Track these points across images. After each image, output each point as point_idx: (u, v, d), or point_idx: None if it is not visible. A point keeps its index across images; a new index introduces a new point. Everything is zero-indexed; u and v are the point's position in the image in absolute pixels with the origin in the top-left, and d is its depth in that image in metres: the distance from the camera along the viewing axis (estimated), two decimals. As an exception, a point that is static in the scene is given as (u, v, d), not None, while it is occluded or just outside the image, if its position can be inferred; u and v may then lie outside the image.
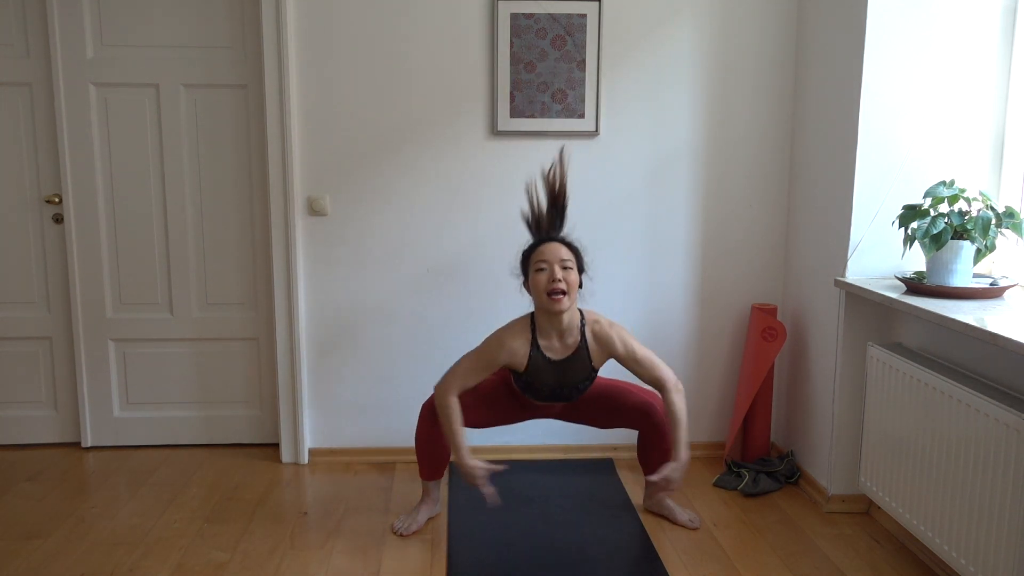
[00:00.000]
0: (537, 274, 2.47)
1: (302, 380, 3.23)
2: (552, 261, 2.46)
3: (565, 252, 2.49)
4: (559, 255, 2.47)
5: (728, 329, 3.30)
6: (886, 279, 2.68)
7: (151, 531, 2.70)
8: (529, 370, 2.53)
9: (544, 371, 2.54)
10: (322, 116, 3.09)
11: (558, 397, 2.61)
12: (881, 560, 2.53)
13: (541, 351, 2.53)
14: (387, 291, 3.21)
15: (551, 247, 2.50)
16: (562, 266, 2.46)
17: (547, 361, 2.53)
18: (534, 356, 2.52)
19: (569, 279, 2.46)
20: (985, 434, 2.05)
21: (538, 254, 2.50)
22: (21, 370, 3.38)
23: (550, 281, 2.44)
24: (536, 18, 3.03)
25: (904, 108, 2.64)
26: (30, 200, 3.27)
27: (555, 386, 2.57)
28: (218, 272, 3.33)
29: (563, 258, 2.47)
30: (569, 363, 2.54)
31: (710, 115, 3.15)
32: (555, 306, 2.45)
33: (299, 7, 3.03)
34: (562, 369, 2.55)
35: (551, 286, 2.44)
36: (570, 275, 2.46)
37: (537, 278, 2.47)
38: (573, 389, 2.59)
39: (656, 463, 2.74)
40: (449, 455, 2.73)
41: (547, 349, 2.54)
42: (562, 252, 2.49)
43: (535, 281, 2.48)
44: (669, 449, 2.67)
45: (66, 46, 3.14)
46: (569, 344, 2.54)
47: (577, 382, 2.57)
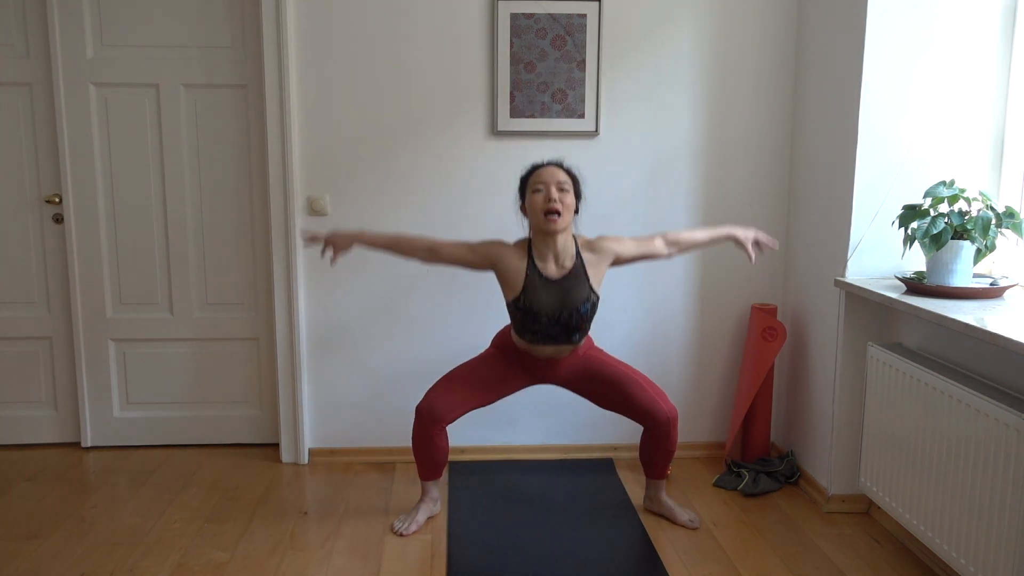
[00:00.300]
0: (534, 195, 2.49)
1: (302, 380, 3.23)
2: (549, 183, 2.48)
3: (562, 175, 2.51)
4: (556, 177, 2.50)
5: (728, 329, 3.30)
6: (886, 279, 2.68)
7: (151, 531, 2.70)
8: (527, 289, 2.50)
9: (541, 291, 2.50)
10: (322, 116, 3.09)
11: (559, 324, 2.52)
12: (881, 560, 2.53)
13: (537, 269, 2.52)
14: (387, 291, 3.21)
15: (548, 170, 2.52)
16: (559, 188, 2.48)
17: (544, 280, 2.51)
18: (530, 274, 2.51)
19: (565, 200, 2.47)
20: (985, 434, 2.05)
21: (535, 176, 2.52)
22: (21, 370, 3.38)
23: (546, 201, 2.46)
24: (536, 18, 3.03)
25: (904, 108, 2.64)
26: (30, 200, 3.27)
27: (555, 310, 2.50)
28: (218, 272, 3.33)
29: (560, 180, 2.49)
30: (567, 283, 2.51)
31: (710, 115, 3.15)
32: (550, 225, 2.46)
33: (299, 7, 3.03)
34: (560, 290, 2.51)
35: (547, 206, 2.45)
36: (566, 197, 2.48)
37: (534, 199, 2.49)
38: (574, 312, 2.51)
39: (658, 464, 2.75)
40: (447, 456, 2.74)
41: (543, 269, 2.53)
42: (559, 175, 2.51)
43: (531, 202, 2.50)
44: (672, 450, 2.70)
45: (66, 46, 3.14)
46: (566, 266, 2.53)
47: (578, 303, 2.51)
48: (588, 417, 3.27)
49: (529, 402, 3.26)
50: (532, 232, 2.57)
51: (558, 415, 3.31)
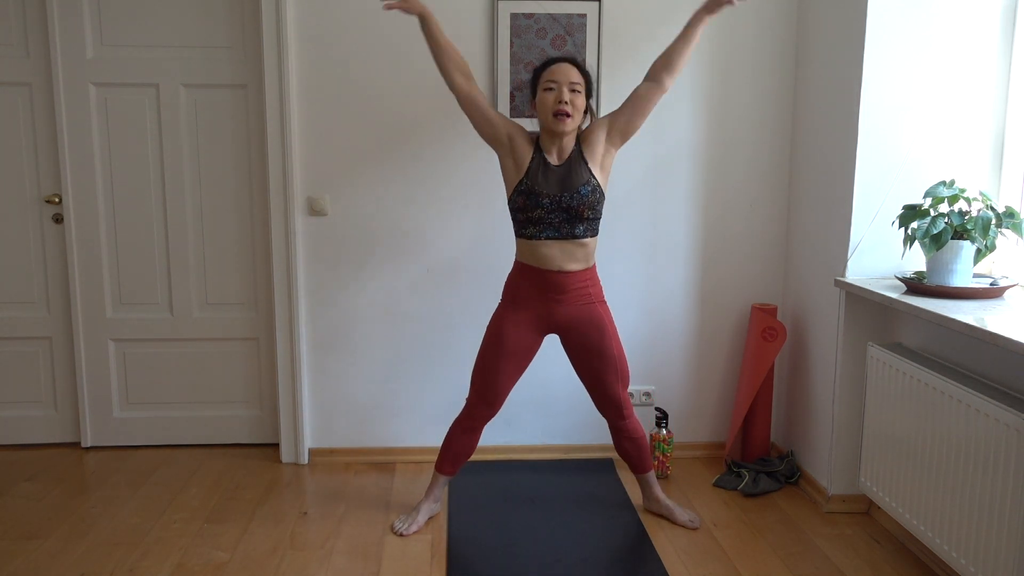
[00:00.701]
0: (545, 93, 2.46)
1: (302, 380, 3.23)
2: (562, 82, 2.44)
3: (575, 74, 2.47)
4: (569, 76, 2.45)
5: (728, 329, 3.30)
6: (886, 279, 2.68)
7: (151, 531, 2.70)
8: (530, 172, 2.49)
9: (543, 175, 2.49)
10: (322, 116, 3.09)
11: (561, 209, 2.48)
12: (881, 560, 2.53)
13: (542, 154, 2.51)
14: (387, 291, 3.21)
15: (562, 67, 2.47)
16: (571, 88, 2.44)
17: (546, 165, 2.50)
18: (536, 157, 2.50)
19: (576, 102, 2.45)
20: (985, 434, 2.05)
21: (548, 73, 2.47)
22: (21, 370, 3.38)
23: (557, 102, 2.43)
24: (536, 18, 3.03)
25: (904, 108, 2.64)
26: (30, 200, 3.27)
27: (556, 192, 2.48)
28: (218, 272, 3.33)
29: (573, 80, 2.45)
30: (566, 168, 2.50)
31: (710, 115, 3.15)
32: (559, 126, 2.44)
33: (299, 7, 3.03)
34: (561, 174, 2.50)
35: (557, 107, 2.42)
36: (577, 98, 2.45)
37: (544, 97, 2.45)
38: (575, 195, 2.47)
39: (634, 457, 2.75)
40: (470, 456, 2.74)
41: (547, 155, 2.52)
42: (572, 74, 2.46)
43: (542, 100, 2.46)
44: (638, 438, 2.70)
45: (66, 46, 3.14)
46: (565, 154, 2.52)
47: (577, 185, 2.48)
48: (588, 417, 3.26)
49: (529, 402, 3.26)
50: (540, 128, 2.54)
51: (558, 415, 3.31)
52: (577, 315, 2.60)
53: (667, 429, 3.16)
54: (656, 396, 3.31)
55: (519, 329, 2.61)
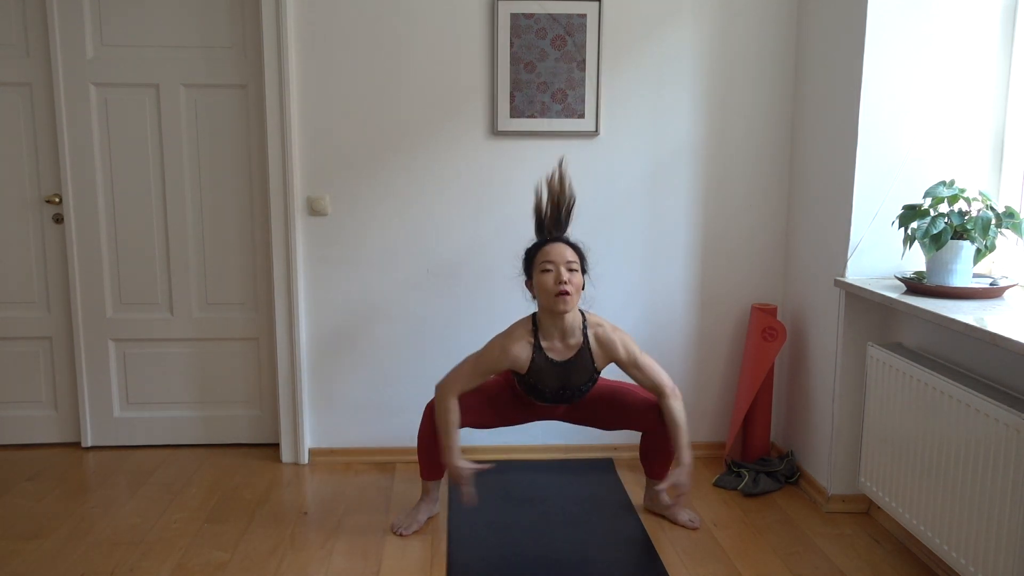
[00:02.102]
0: (543, 275, 2.47)
1: (302, 380, 3.23)
2: (558, 262, 2.46)
3: (570, 254, 2.49)
4: (565, 256, 2.47)
5: (728, 329, 3.30)
6: (886, 279, 2.68)
7: (151, 531, 2.70)
8: (531, 372, 2.53)
9: (546, 372, 2.54)
10: (322, 116, 3.09)
11: (561, 399, 2.60)
12: (881, 560, 2.53)
13: (543, 352, 2.53)
14: (387, 291, 3.21)
15: (556, 248, 2.50)
16: (568, 268, 2.46)
17: (549, 362, 2.53)
18: (536, 358, 2.52)
19: (574, 280, 2.46)
20: (985, 434, 2.05)
21: (543, 255, 2.50)
22: (21, 370, 3.38)
23: (557, 283, 2.44)
24: (536, 18, 3.03)
25: (904, 108, 2.64)
26: (30, 200, 3.27)
27: (558, 388, 2.56)
28: (218, 272, 3.33)
29: (568, 260, 2.47)
30: (571, 364, 2.54)
31: (710, 115, 3.15)
32: (561, 306, 2.45)
33: (299, 7, 3.03)
34: (564, 370, 2.54)
35: (558, 288, 2.43)
36: (575, 277, 2.47)
37: (543, 279, 2.47)
38: (576, 391, 2.58)
39: (659, 464, 2.76)
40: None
41: (549, 350, 2.53)
42: (567, 253, 2.49)
43: (540, 282, 2.47)
44: (672, 452, 2.68)
45: (66, 46, 3.14)
46: (571, 345, 2.54)
47: (580, 383, 2.57)
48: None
49: (529, 402, 3.26)
50: (540, 310, 2.55)
51: (558, 415, 3.31)
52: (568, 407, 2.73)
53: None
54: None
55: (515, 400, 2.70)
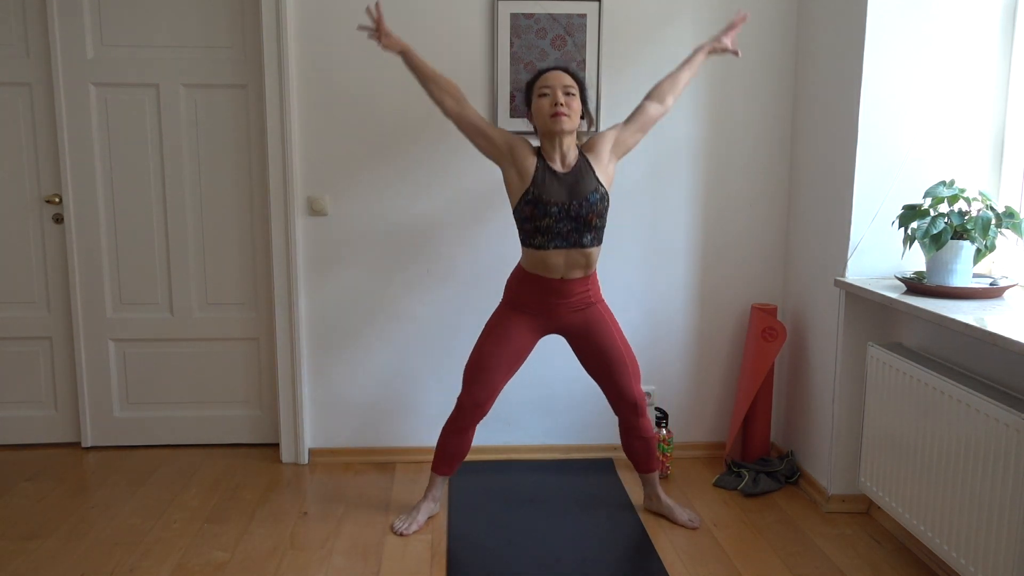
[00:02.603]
0: (540, 99, 2.49)
1: (302, 380, 3.23)
2: (555, 86, 2.47)
3: (568, 79, 2.50)
4: (562, 81, 2.49)
5: (728, 329, 3.30)
6: (886, 279, 2.68)
7: (151, 531, 2.70)
8: (536, 181, 2.49)
9: (550, 183, 2.49)
10: (322, 116, 3.09)
11: (569, 217, 2.48)
12: (881, 560, 2.53)
13: (547, 163, 2.52)
14: (387, 291, 3.21)
15: (555, 74, 2.51)
16: (565, 91, 2.47)
17: (552, 173, 2.51)
18: (540, 167, 2.51)
19: (571, 104, 2.47)
20: (985, 434, 2.05)
21: (542, 80, 2.52)
22: (21, 370, 3.38)
23: (552, 105, 2.45)
24: (536, 18, 3.03)
25: (904, 108, 2.64)
26: (30, 200, 3.27)
27: (565, 199, 2.48)
28: (218, 272, 3.33)
29: (566, 84, 2.48)
30: (574, 176, 2.51)
31: (710, 114, 3.15)
32: (556, 124, 2.45)
33: (299, 7, 3.03)
34: (569, 181, 2.50)
35: (553, 109, 2.45)
36: (572, 101, 2.48)
37: (540, 103, 2.48)
38: (583, 202, 2.48)
39: (643, 459, 2.77)
40: (467, 453, 2.75)
41: (551, 164, 2.53)
42: (565, 79, 2.50)
43: (538, 106, 2.49)
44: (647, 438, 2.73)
45: (66, 46, 3.14)
46: (571, 163, 2.53)
47: (586, 192, 2.49)
48: (588, 417, 3.27)
49: (529, 402, 3.26)
50: (539, 135, 2.56)
51: (558, 415, 3.31)
52: (578, 318, 2.63)
53: (667, 429, 3.16)
54: (656, 396, 3.31)
55: (517, 329, 2.63)
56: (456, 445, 2.72)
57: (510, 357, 2.65)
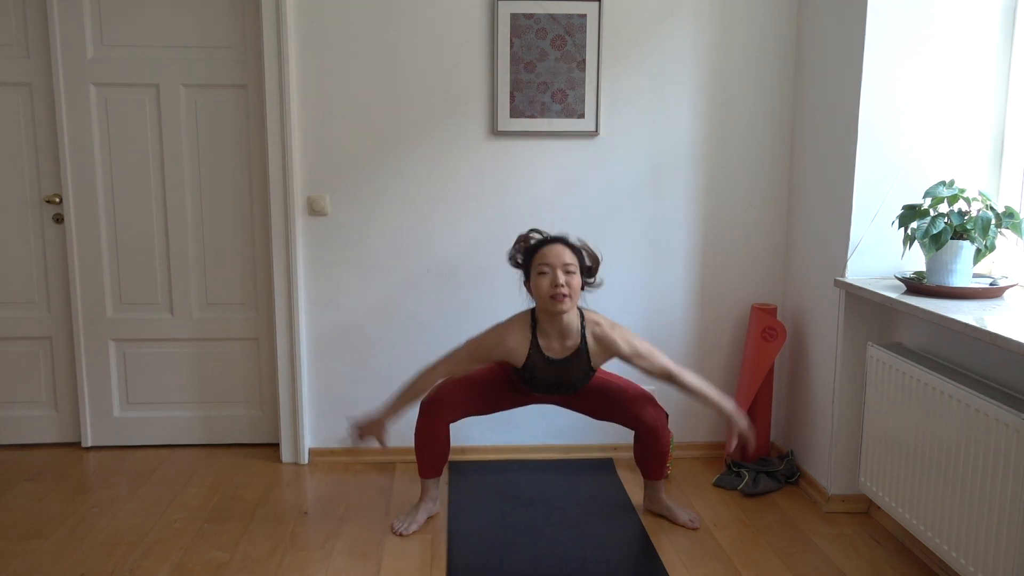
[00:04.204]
0: (539, 277, 2.45)
1: (302, 380, 3.23)
2: (555, 265, 2.43)
3: (568, 256, 2.47)
4: (562, 259, 2.45)
5: (728, 329, 3.30)
6: (886, 279, 2.68)
7: (151, 531, 2.70)
8: (527, 367, 2.54)
9: (542, 369, 2.54)
10: (322, 116, 3.09)
11: (556, 392, 2.62)
12: (881, 560, 2.53)
13: (540, 350, 2.53)
14: (387, 291, 3.21)
15: (554, 250, 2.47)
16: (565, 271, 2.44)
17: (546, 360, 2.53)
18: (532, 355, 2.52)
19: (572, 283, 2.44)
20: (985, 434, 2.05)
21: (540, 256, 2.47)
22: (21, 370, 3.38)
23: (552, 286, 2.42)
24: (536, 18, 3.03)
25: (904, 108, 2.64)
26: (30, 200, 3.27)
27: (553, 383, 2.57)
28: (218, 272, 3.33)
29: (566, 262, 2.45)
30: (568, 363, 2.54)
31: (710, 115, 3.15)
32: (557, 307, 2.44)
33: (299, 7, 3.03)
34: (560, 368, 2.55)
35: (553, 291, 2.42)
36: (573, 280, 2.45)
37: (539, 282, 2.45)
38: (571, 387, 2.59)
39: (654, 465, 2.76)
40: (448, 454, 2.75)
41: (546, 349, 2.53)
42: (565, 256, 2.46)
43: (537, 284, 2.46)
44: (663, 452, 2.71)
45: (66, 46, 3.14)
46: (568, 346, 2.53)
47: (575, 381, 2.57)
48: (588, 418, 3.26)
49: (529, 402, 3.26)
50: (537, 309, 2.54)
51: (558, 415, 3.30)
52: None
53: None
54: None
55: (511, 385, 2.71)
56: (434, 447, 2.71)
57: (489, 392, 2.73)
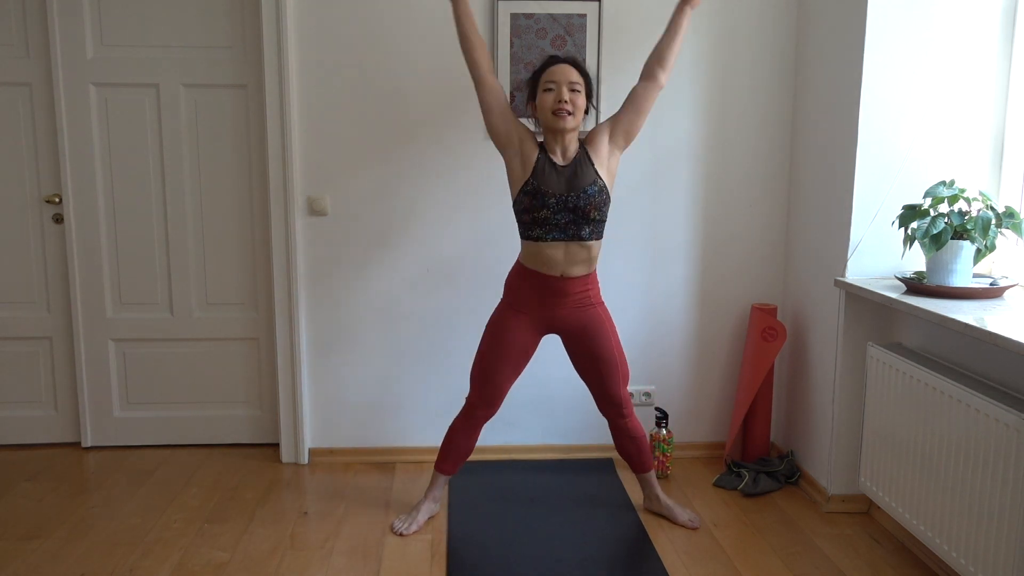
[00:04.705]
0: (544, 94, 2.45)
1: (302, 380, 3.23)
2: (561, 81, 2.43)
3: (575, 74, 2.46)
4: (568, 76, 2.44)
5: (728, 329, 3.30)
6: (886, 279, 2.68)
7: (151, 531, 2.70)
8: (536, 172, 2.49)
9: (550, 175, 2.49)
10: (322, 116, 3.09)
11: (567, 209, 2.48)
12: (881, 560, 2.53)
13: (548, 155, 2.52)
14: (387, 291, 3.21)
15: (561, 68, 2.47)
16: (570, 88, 2.44)
17: (552, 165, 2.50)
18: (540, 158, 2.50)
19: (576, 101, 2.45)
20: (985, 434, 2.05)
21: (547, 74, 2.46)
22: (21, 370, 3.38)
23: (556, 101, 2.43)
24: (536, 18, 3.03)
25: (904, 108, 2.64)
26: (30, 200, 3.27)
27: (563, 191, 2.48)
28: (218, 272, 3.33)
29: (572, 80, 2.44)
30: (572, 168, 2.50)
31: (710, 114, 3.15)
32: (560, 123, 2.44)
33: (299, 7, 3.03)
34: (567, 174, 2.50)
35: (557, 105, 2.43)
36: (577, 97, 2.45)
37: (544, 98, 2.46)
38: (581, 194, 2.48)
39: (634, 456, 2.77)
40: (469, 455, 2.77)
41: (552, 155, 2.52)
42: (571, 74, 2.45)
43: (542, 100, 2.46)
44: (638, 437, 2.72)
45: (66, 46, 3.14)
46: (571, 155, 2.53)
47: (584, 184, 2.48)
48: (588, 417, 3.26)
49: (529, 402, 3.26)
50: (542, 128, 2.54)
51: (558, 415, 3.31)
52: (577, 319, 2.62)
53: (667, 429, 3.16)
54: (656, 396, 3.31)
55: (519, 330, 2.63)
56: (463, 444, 2.73)
57: (515, 357, 2.65)
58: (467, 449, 2.75)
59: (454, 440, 2.73)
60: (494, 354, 2.64)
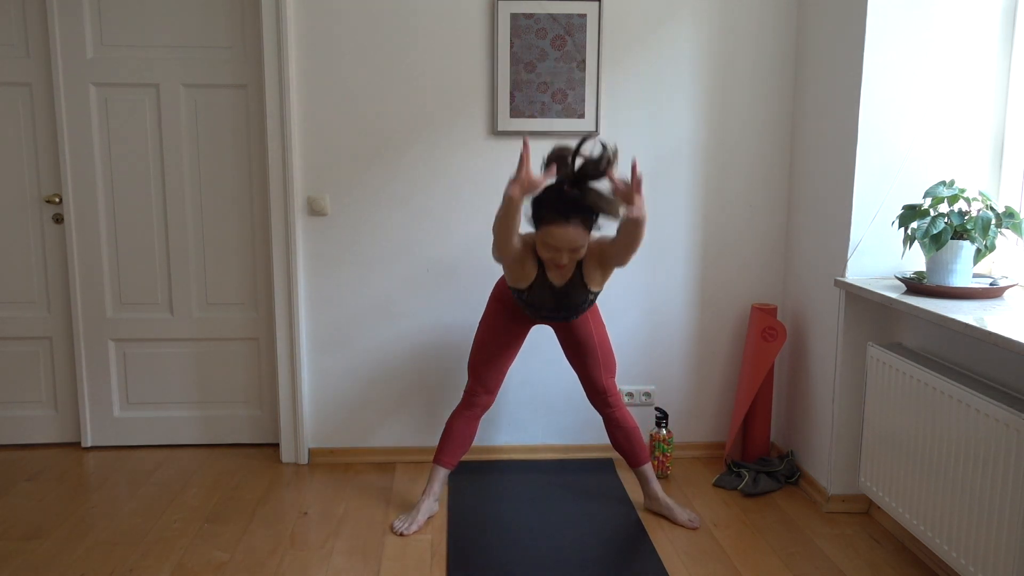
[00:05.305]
0: (544, 247, 2.45)
1: (302, 380, 3.23)
2: (562, 249, 2.43)
3: (580, 238, 2.40)
4: (573, 244, 2.41)
5: (728, 329, 3.30)
6: (886, 279, 2.68)
7: (151, 531, 2.70)
8: (532, 289, 2.56)
9: (544, 293, 2.57)
10: (322, 116, 3.09)
11: (556, 315, 2.65)
12: (881, 560, 2.53)
13: (546, 276, 2.56)
14: (387, 291, 3.21)
15: (566, 233, 2.38)
16: (571, 251, 2.44)
17: (549, 285, 2.56)
18: (539, 276, 2.55)
19: (575, 257, 2.48)
20: (985, 434, 2.05)
21: (552, 237, 2.39)
22: (21, 370, 3.38)
23: (555, 263, 2.47)
24: (536, 18, 3.03)
25: (904, 108, 2.64)
26: (30, 200, 3.27)
27: (555, 306, 2.61)
28: (218, 272, 3.33)
29: (575, 248, 2.43)
30: (566, 290, 2.57)
31: (710, 115, 3.15)
32: (552, 275, 2.55)
33: (299, 7, 3.03)
34: (561, 294, 2.58)
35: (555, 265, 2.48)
36: (577, 255, 2.47)
37: (543, 250, 2.46)
38: (572, 309, 2.62)
39: (628, 449, 2.81)
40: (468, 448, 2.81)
41: (549, 274, 2.56)
42: (577, 240, 2.40)
43: (541, 249, 2.47)
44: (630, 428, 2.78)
45: (66, 46, 3.14)
46: (566, 277, 2.56)
47: (576, 303, 2.60)
48: (588, 417, 3.27)
49: (529, 402, 3.26)
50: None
51: (558, 415, 3.31)
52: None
53: (667, 429, 3.16)
54: (656, 396, 3.31)
55: (511, 318, 2.74)
56: (461, 434, 2.79)
57: (509, 343, 2.76)
58: (466, 440, 2.79)
59: (453, 430, 2.78)
60: (490, 341, 2.74)
